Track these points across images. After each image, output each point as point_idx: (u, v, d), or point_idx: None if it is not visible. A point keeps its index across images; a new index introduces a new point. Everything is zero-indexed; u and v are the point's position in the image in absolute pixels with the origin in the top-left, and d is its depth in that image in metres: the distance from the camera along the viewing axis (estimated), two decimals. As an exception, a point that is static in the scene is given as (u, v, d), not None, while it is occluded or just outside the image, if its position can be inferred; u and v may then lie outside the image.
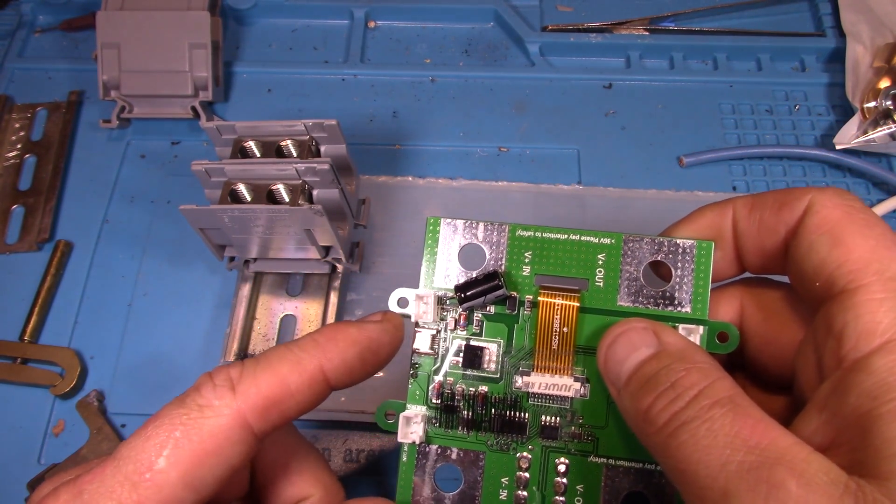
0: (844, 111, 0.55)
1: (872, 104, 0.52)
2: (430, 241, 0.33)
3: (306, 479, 0.31)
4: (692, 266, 0.30)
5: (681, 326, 0.30)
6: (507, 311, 0.32)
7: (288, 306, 0.47)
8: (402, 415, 0.32)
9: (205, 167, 0.41)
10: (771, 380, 0.32)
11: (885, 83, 0.52)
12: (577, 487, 0.31)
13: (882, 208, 0.50)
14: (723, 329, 0.30)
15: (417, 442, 0.32)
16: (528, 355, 0.32)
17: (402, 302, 0.32)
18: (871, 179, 0.53)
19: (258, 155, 0.44)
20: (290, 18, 0.62)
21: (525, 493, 0.31)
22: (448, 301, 0.32)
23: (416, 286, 0.33)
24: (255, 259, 0.46)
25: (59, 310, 0.49)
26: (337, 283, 0.47)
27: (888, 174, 0.51)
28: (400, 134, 0.55)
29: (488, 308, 0.32)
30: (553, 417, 0.31)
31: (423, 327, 0.32)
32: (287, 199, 0.42)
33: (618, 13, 0.61)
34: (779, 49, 0.58)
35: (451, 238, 0.32)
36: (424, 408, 0.32)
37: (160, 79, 0.54)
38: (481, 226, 0.32)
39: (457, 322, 0.32)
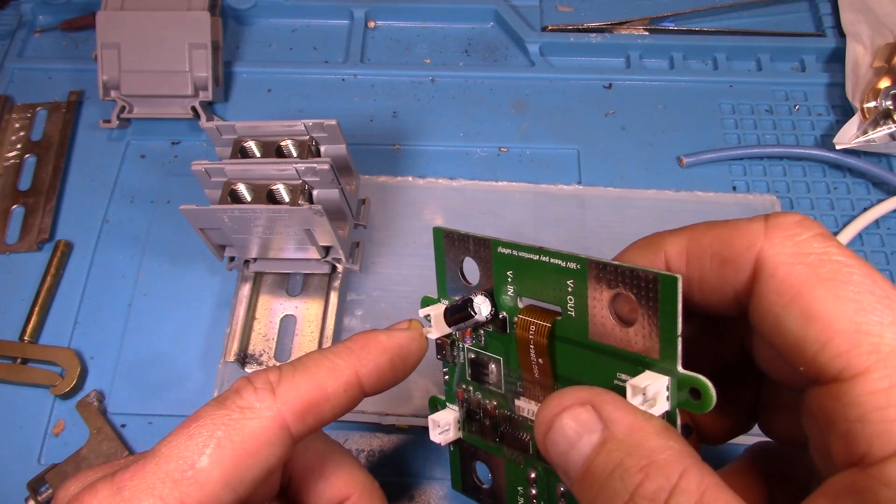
0: (844, 111, 0.55)
1: (872, 104, 0.52)
2: (437, 253, 0.32)
3: (344, 480, 0.32)
4: (656, 305, 0.24)
5: (647, 372, 0.25)
6: (499, 332, 0.30)
7: (288, 306, 0.47)
8: (430, 418, 0.33)
9: (205, 167, 0.41)
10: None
11: (885, 83, 0.52)
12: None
13: (882, 208, 0.50)
14: (695, 384, 0.24)
15: (443, 443, 0.33)
16: (520, 378, 0.31)
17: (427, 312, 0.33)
18: (871, 179, 0.53)
19: (258, 155, 0.44)
20: (290, 18, 0.62)
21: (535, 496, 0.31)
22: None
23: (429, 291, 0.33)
24: (255, 259, 0.46)
25: (59, 310, 0.49)
26: (337, 283, 0.47)
27: (888, 174, 0.51)
28: (400, 134, 0.55)
29: (488, 326, 0.31)
30: None
31: (437, 338, 0.32)
32: (287, 199, 0.42)
33: (618, 13, 0.61)
34: (779, 49, 0.58)
35: (451, 250, 0.31)
36: (457, 412, 0.33)
37: (160, 79, 0.54)
38: (471, 241, 0.30)
39: (464, 335, 0.32)
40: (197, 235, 0.43)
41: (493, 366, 0.31)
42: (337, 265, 0.46)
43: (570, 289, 0.27)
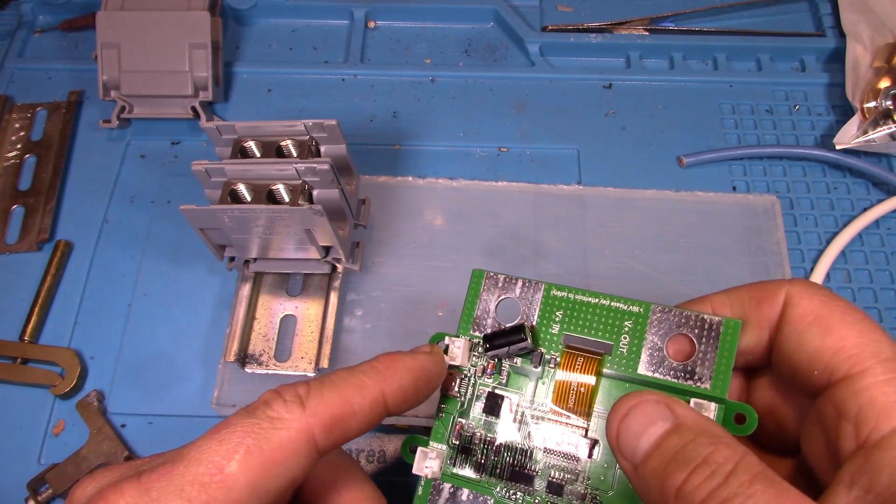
0: (844, 111, 0.55)
1: (872, 104, 0.52)
2: (471, 292, 0.34)
3: (355, 495, 0.32)
4: (716, 343, 0.30)
5: (692, 401, 0.30)
6: (532, 366, 0.33)
7: (288, 306, 0.47)
8: (420, 449, 0.33)
9: (205, 167, 0.41)
10: (770, 443, 0.33)
11: (885, 83, 0.52)
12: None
13: (882, 208, 0.50)
14: (741, 410, 0.30)
15: (430, 477, 0.33)
16: (546, 410, 0.33)
17: (441, 346, 0.34)
18: (871, 179, 0.53)
19: (258, 155, 0.44)
20: (290, 18, 0.62)
21: None
22: (479, 348, 0.34)
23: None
24: (255, 259, 0.46)
25: (59, 310, 0.49)
26: (337, 283, 0.47)
27: (888, 174, 0.51)
28: (400, 134, 0.55)
29: (515, 360, 0.33)
30: (560, 474, 0.32)
31: (454, 370, 0.34)
32: (287, 199, 0.42)
33: (618, 13, 0.61)
34: (779, 49, 0.58)
35: (492, 291, 0.34)
36: (445, 446, 0.33)
37: (160, 79, 0.54)
38: (519, 282, 0.34)
39: (485, 370, 0.34)
40: (197, 235, 0.43)
41: (511, 399, 0.33)
42: (337, 265, 0.46)
43: (626, 329, 0.32)
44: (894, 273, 0.49)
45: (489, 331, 0.33)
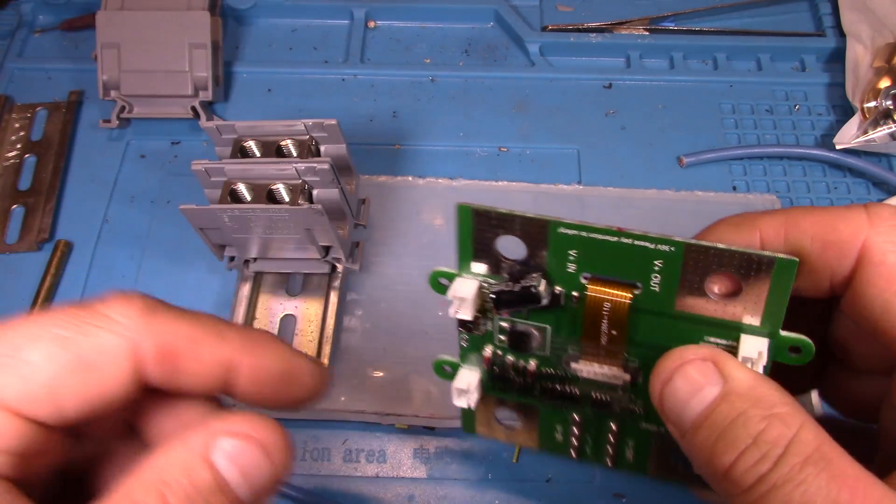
0: (844, 111, 0.55)
1: (872, 104, 0.52)
2: (462, 229, 0.29)
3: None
4: (767, 280, 0.25)
5: (746, 337, 0.26)
6: (553, 307, 0.29)
7: (288, 306, 0.47)
8: (454, 386, 0.31)
9: (205, 167, 0.41)
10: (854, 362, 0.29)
11: (885, 83, 0.52)
12: (629, 441, 0.31)
13: (882, 208, 0.50)
14: (797, 344, 0.26)
15: (473, 406, 0.31)
16: (576, 345, 0.30)
17: (444, 283, 0.30)
18: (871, 179, 0.53)
19: (258, 155, 0.44)
20: (290, 18, 0.62)
21: (578, 433, 0.31)
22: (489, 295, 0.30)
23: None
24: (255, 259, 0.46)
25: (59, 310, 0.49)
26: (337, 283, 0.47)
27: (888, 174, 0.51)
28: (400, 134, 0.55)
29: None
30: (605, 394, 0.30)
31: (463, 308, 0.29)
32: (287, 199, 0.42)
33: (618, 13, 0.61)
34: (779, 49, 0.58)
35: (484, 227, 0.29)
36: (478, 372, 0.32)
37: (160, 79, 0.54)
38: (517, 220, 0.28)
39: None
40: (197, 235, 0.43)
41: (537, 334, 0.30)
42: (337, 265, 0.46)
43: (656, 268, 0.27)
44: (894, 273, 0.49)
45: (505, 280, 0.29)
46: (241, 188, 0.42)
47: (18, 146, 0.55)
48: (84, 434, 0.25)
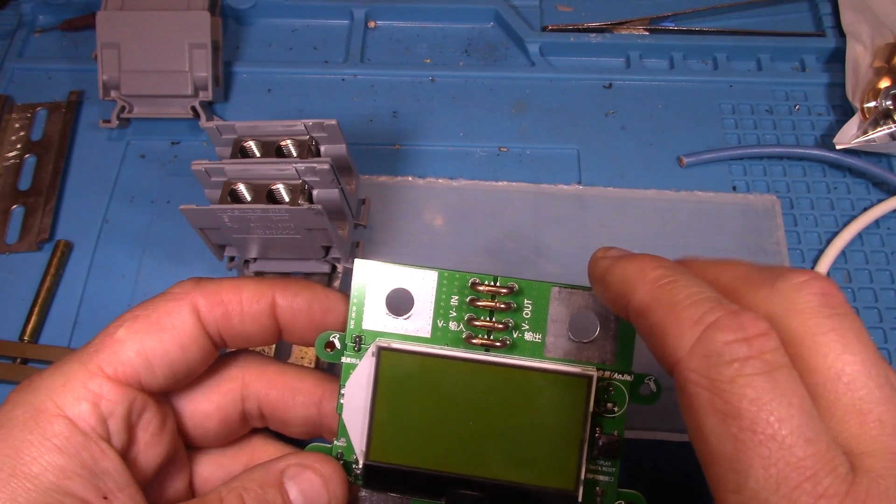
0: (844, 111, 0.55)
1: (872, 104, 0.52)
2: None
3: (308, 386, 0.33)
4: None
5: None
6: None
7: (288, 306, 0.47)
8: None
9: (205, 167, 0.41)
10: None
11: (885, 83, 0.52)
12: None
13: (882, 208, 0.50)
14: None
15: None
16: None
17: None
18: (871, 179, 0.53)
19: (258, 155, 0.44)
20: (290, 18, 0.62)
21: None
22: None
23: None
24: (255, 259, 0.46)
25: (59, 310, 0.49)
26: (337, 283, 0.47)
27: (888, 174, 0.51)
28: (400, 134, 0.55)
29: None
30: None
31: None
32: (287, 199, 0.42)
33: (618, 13, 0.61)
34: (779, 49, 0.58)
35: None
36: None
37: (160, 79, 0.54)
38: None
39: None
40: (197, 235, 0.43)
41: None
42: (337, 265, 0.46)
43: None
44: (894, 273, 0.49)
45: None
46: (241, 188, 0.42)
47: (18, 146, 0.55)
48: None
